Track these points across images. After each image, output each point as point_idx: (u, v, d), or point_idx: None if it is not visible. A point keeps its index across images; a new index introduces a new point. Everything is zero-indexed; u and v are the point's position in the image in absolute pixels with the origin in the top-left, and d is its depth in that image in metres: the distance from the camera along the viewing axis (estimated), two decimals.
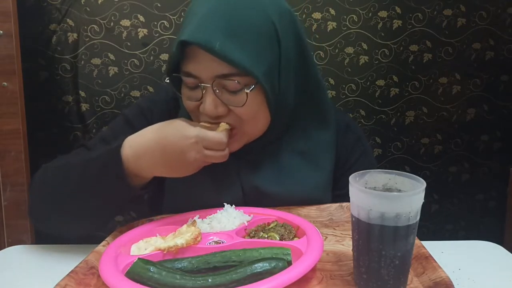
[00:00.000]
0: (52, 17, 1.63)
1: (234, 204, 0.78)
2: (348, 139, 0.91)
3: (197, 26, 0.72)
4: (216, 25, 0.72)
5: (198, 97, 0.77)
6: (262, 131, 0.82)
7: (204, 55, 0.73)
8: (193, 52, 0.74)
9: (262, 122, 0.81)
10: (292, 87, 0.82)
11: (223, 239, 0.67)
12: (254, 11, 0.74)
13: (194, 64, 0.75)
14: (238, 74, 0.73)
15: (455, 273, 0.68)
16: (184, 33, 0.73)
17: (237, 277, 0.55)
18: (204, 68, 0.74)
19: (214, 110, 0.75)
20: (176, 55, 0.75)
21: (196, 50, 0.73)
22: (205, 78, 0.75)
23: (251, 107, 0.76)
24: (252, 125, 0.79)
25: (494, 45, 1.73)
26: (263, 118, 0.80)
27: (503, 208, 1.80)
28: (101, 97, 1.70)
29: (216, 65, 0.73)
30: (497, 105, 1.79)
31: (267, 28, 0.75)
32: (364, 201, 0.54)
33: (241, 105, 0.75)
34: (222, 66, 0.73)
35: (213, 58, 0.72)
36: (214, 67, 0.73)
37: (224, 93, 0.75)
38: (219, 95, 0.75)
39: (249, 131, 0.80)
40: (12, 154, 1.48)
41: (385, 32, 1.71)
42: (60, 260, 0.75)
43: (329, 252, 0.68)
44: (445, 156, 1.82)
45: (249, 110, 0.76)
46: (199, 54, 0.73)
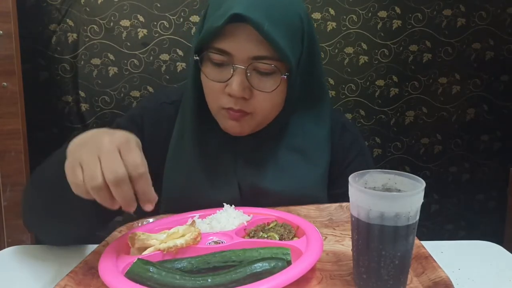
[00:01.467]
0: (52, 17, 1.63)
1: (231, 202, 0.78)
2: (345, 139, 0.91)
3: (248, 4, 0.72)
4: (263, 7, 0.72)
5: (225, 77, 0.76)
6: (270, 120, 0.83)
7: (243, 33, 0.73)
8: (230, 29, 0.73)
9: (275, 111, 0.82)
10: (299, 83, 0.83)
11: (222, 239, 0.67)
12: (291, 3, 0.77)
13: (231, 42, 0.74)
14: (274, 58, 0.75)
15: (454, 273, 0.68)
16: (233, 7, 0.72)
17: (236, 277, 0.55)
18: (242, 47, 0.74)
19: (241, 92, 0.75)
20: (219, 29, 0.73)
21: (236, 27, 0.73)
22: (240, 57, 0.74)
23: (276, 94, 0.78)
24: (267, 112, 0.80)
25: (494, 45, 1.74)
26: (278, 107, 0.82)
27: (503, 208, 1.81)
28: (101, 97, 1.70)
29: (254, 46, 0.73)
30: (497, 105, 1.79)
31: (298, 22, 0.78)
32: (363, 201, 0.54)
33: (270, 90, 0.76)
34: (261, 47, 0.73)
35: (251, 38, 0.73)
36: (252, 47, 0.73)
37: (253, 76, 0.76)
38: (248, 77, 0.75)
39: (261, 119, 0.81)
40: (12, 154, 1.48)
41: (384, 32, 1.71)
42: (60, 260, 0.75)
43: (329, 252, 0.68)
44: (445, 156, 1.82)
45: (272, 96, 0.78)
46: (237, 31, 0.73)
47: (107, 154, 0.56)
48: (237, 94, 0.75)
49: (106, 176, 0.55)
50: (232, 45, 0.74)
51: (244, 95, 0.76)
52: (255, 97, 0.77)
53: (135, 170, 0.56)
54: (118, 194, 0.56)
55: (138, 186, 0.57)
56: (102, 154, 0.56)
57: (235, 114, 0.78)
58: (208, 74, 0.77)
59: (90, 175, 0.55)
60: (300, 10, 0.79)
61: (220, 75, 0.76)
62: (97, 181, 0.55)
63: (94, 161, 0.55)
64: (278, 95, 0.79)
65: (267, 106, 0.79)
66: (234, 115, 0.78)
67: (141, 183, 0.57)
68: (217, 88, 0.77)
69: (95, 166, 0.55)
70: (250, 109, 0.78)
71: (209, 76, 0.77)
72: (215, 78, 0.77)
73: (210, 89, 0.79)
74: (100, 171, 0.55)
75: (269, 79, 0.76)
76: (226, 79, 0.76)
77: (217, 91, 0.78)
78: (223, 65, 0.76)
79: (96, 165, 0.55)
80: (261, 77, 0.76)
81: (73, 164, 0.57)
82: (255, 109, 0.78)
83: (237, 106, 0.77)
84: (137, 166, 0.56)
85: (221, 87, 0.77)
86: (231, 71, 0.75)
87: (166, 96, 0.93)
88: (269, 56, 0.74)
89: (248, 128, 0.81)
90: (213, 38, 0.75)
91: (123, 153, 0.56)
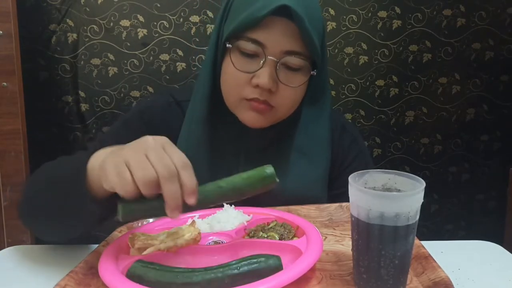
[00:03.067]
0: (51, 17, 1.63)
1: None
2: (344, 140, 0.92)
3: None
4: (305, 4, 0.74)
5: (253, 68, 0.77)
6: (287, 115, 0.84)
7: (280, 26, 0.74)
8: (266, 21, 0.74)
9: (294, 108, 0.84)
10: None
11: (222, 239, 0.67)
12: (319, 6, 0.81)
13: (267, 34, 0.75)
14: (305, 55, 0.77)
15: (454, 273, 0.68)
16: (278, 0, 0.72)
17: (233, 273, 0.55)
18: (277, 40, 0.75)
19: (270, 84, 0.76)
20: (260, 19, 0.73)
21: (273, 19, 0.74)
22: (273, 49, 0.75)
23: (301, 90, 0.80)
24: (288, 108, 0.82)
25: (493, 45, 1.74)
26: (297, 105, 0.83)
27: (503, 208, 1.81)
28: (101, 97, 1.70)
29: (289, 40, 0.75)
30: (497, 105, 1.79)
31: (323, 25, 0.81)
32: (363, 201, 0.54)
33: (296, 85, 0.78)
34: (295, 42, 0.75)
35: (286, 32, 0.74)
36: (287, 41, 0.75)
37: (282, 70, 0.77)
38: (278, 71, 0.76)
39: (281, 114, 0.82)
40: (12, 154, 1.48)
41: (384, 32, 1.71)
42: (60, 260, 0.75)
43: (329, 252, 0.68)
44: (445, 156, 1.82)
45: (296, 91, 0.80)
46: (274, 24, 0.74)
47: (156, 151, 0.56)
48: (266, 85, 0.75)
49: (159, 171, 0.54)
50: (267, 37, 0.75)
51: (271, 87, 0.76)
52: (279, 91, 0.78)
53: (181, 162, 0.56)
54: (168, 190, 0.55)
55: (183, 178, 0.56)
56: (150, 152, 0.56)
57: (260, 105, 0.78)
58: (235, 63, 0.78)
59: (142, 170, 0.54)
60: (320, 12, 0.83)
61: (249, 66, 0.77)
62: (151, 175, 0.54)
63: (143, 158, 0.55)
64: (300, 92, 0.81)
65: (290, 102, 0.81)
66: (258, 107, 0.78)
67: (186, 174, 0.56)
68: (243, 78, 0.78)
69: (146, 162, 0.55)
70: (273, 102, 0.79)
71: (237, 66, 0.78)
72: (243, 68, 0.77)
73: (234, 79, 0.79)
74: (151, 166, 0.54)
75: (296, 75, 0.78)
76: (254, 70, 0.76)
77: (242, 81, 0.78)
78: (253, 56, 0.77)
79: (147, 161, 0.55)
80: (288, 72, 0.78)
81: (116, 165, 0.56)
82: (278, 103, 0.79)
83: (262, 97, 0.77)
84: (183, 158, 0.57)
85: (247, 78, 0.77)
86: (261, 62, 0.76)
87: (173, 96, 0.93)
88: (301, 52, 0.76)
89: (268, 122, 0.82)
90: (248, 29, 0.76)
91: (167, 150, 0.57)
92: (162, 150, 0.57)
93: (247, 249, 0.64)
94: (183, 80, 1.70)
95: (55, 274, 0.61)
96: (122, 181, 0.55)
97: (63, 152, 0.88)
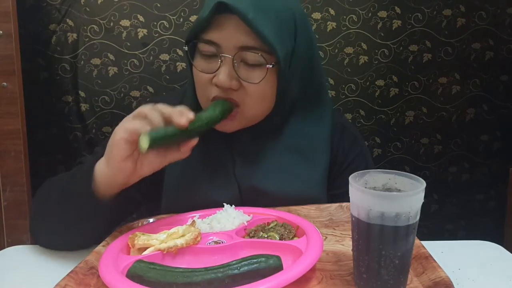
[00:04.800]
0: (51, 17, 1.63)
1: (231, 202, 0.78)
2: (345, 140, 0.91)
3: None
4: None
5: (213, 68, 0.77)
6: (262, 116, 0.83)
7: (231, 24, 0.74)
8: (218, 21, 0.75)
9: (266, 106, 0.82)
10: (298, 82, 0.84)
11: (222, 239, 0.67)
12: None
13: (218, 33, 0.75)
14: (261, 49, 0.76)
15: (454, 273, 0.68)
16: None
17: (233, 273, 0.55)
18: (229, 37, 0.75)
19: (228, 82, 0.76)
20: (206, 19, 0.74)
21: (223, 18, 0.74)
22: (227, 47, 0.75)
23: (264, 86, 0.78)
24: (256, 106, 0.81)
25: (493, 45, 1.74)
26: (268, 102, 0.82)
27: (503, 208, 1.80)
28: (101, 97, 1.70)
29: (241, 36, 0.74)
30: (496, 105, 1.79)
31: (288, 17, 0.79)
32: (363, 201, 0.54)
33: (257, 81, 0.77)
34: (247, 37, 0.74)
35: (239, 29, 0.74)
36: (239, 37, 0.75)
37: (241, 67, 0.77)
38: (236, 68, 0.76)
39: (251, 113, 0.81)
40: (12, 154, 1.48)
41: (384, 32, 1.71)
42: (60, 260, 0.75)
43: (329, 252, 0.68)
44: (444, 156, 1.82)
45: (261, 88, 0.78)
46: (225, 22, 0.74)
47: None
48: (224, 84, 0.76)
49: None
50: (219, 35, 0.75)
51: (231, 86, 0.76)
52: (243, 88, 0.78)
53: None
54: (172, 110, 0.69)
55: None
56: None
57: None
58: (197, 66, 0.79)
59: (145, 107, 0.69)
60: (292, 5, 0.80)
61: (209, 66, 0.78)
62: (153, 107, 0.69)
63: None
64: (267, 87, 0.79)
65: (255, 99, 0.79)
66: None
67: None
68: (205, 79, 0.78)
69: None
70: (239, 99, 0.78)
71: (198, 68, 0.79)
72: (204, 69, 0.78)
73: (199, 81, 0.80)
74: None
75: (257, 71, 0.77)
76: (214, 70, 0.77)
77: (205, 82, 0.79)
78: (212, 57, 0.77)
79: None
80: (248, 68, 0.77)
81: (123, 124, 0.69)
82: (243, 101, 0.79)
83: (224, 95, 0.77)
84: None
85: (209, 78, 0.78)
86: (219, 61, 0.76)
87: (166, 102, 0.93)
88: (256, 47, 0.75)
89: (238, 124, 0.81)
90: (203, 30, 0.77)
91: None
92: None
93: (247, 249, 0.64)
94: (183, 80, 1.70)
95: (55, 274, 0.61)
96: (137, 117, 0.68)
97: (63, 152, 0.88)
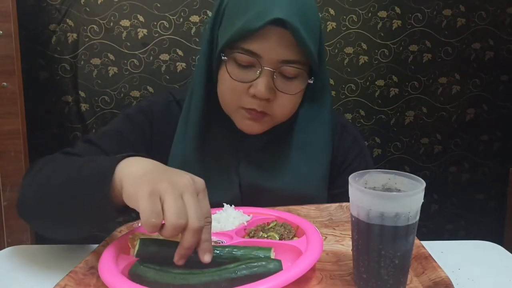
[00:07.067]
0: (51, 17, 1.63)
1: (231, 200, 0.78)
2: (345, 140, 0.92)
3: (286, 8, 0.72)
4: (299, 12, 0.73)
5: (250, 78, 0.76)
6: (285, 120, 0.84)
7: (276, 37, 0.73)
8: (263, 32, 0.73)
9: (292, 112, 0.83)
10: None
11: (222, 239, 0.67)
12: (314, 6, 0.79)
13: (263, 44, 0.74)
14: (301, 62, 0.76)
15: (454, 273, 0.68)
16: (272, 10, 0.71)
17: (232, 277, 0.55)
18: (273, 50, 0.74)
19: (267, 93, 0.75)
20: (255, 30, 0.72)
21: (268, 30, 0.73)
22: (268, 60, 0.75)
23: (298, 97, 0.80)
24: (286, 114, 0.82)
25: (493, 45, 1.74)
26: (295, 109, 0.83)
27: (503, 208, 1.81)
28: (101, 97, 1.70)
29: (285, 50, 0.74)
30: (496, 105, 1.79)
31: (318, 26, 0.80)
32: (363, 201, 0.54)
33: (294, 93, 0.78)
34: (291, 51, 0.74)
35: (283, 43, 0.73)
36: (283, 51, 0.74)
37: (278, 79, 0.76)
38: (274, 80, 0.76)
39: (279, 119, 0.82)
40: (12, 154, 1.48)
41: (384, 32, 1.71)
42: (60, 260, 0.74)
43: (329, 252, 0.68)
44: (444, 156, 1.82)
45: (296, 99, 0.80)
46: (270, 35, 0.73)
47: (192, 198, 0.55)
48: (264, 96, 0.75)
49: (190, 222, 0.53)
50: (263, 47, 0.74)
51: (269, 97, 0.76)
52: (277, 99, 0.78)
53: (208, 216, 0.56)
54: (189, 241, 0.54)
55: (204, 234, 0.55)
56: (186, 195, 0.54)
57: (257, 114, 0.78)
58: (231, 74, 0.77)
59: (176, 215, 0.52)
60: (319, 17, 0.82)
61: (245, 76, 0.76)
62: (183, 222, 0.53)
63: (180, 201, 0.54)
64: (298, 98, 0.81)
65: (288, 109, 0.81)
66: (255, 116, 0.78)
67: (207, 231, 0.56)
68: (240, 87, 0.77)
69: (182, 207, 0.53)
70: (271, 110, 0.78)
71: (233, 76, 0.77)
72: (239, 78, 0.76)
73: (231, 89, 0.78)
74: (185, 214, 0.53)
75: (293, 83, 0.78)
76: (251, 80, 0.76)
77: (239, 90, 0.77)
78: (250, 66, 0.76)
79: (183, 206, 0.53)
80: (285, 80, 0.77)
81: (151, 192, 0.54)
82: (276, 111, 0.79)
83: (260, 108, 0.77)
84: (209, 212, 0.57)
85: (244, 88, 0.77)
86: (257, 72, 0.75)
87: (172, 95, 0.93)
88: (298, 60, 0.76)
89: (265, 128, 0.82)
90: (244, 39, 0.74)
91: (200, 199, 0.56)
92: (197, 197, 0.56)
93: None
94: (183, 80, 1.70)
95: (55, 274, 0.61)
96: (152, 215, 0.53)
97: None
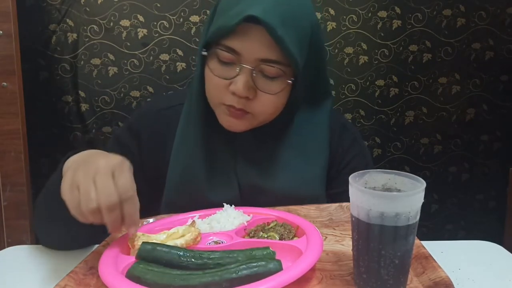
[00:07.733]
0: (51, 17, 1.63)
1: (231, 200, 0.78)
2: (344, 139, 0.92)
3: (264, 6, 0.72)
4: (279, 11, 0.72)
5: (230, 75, 0.76)
6: (270, 120, 0.83)
7: (256, 35, 0.73)
8: (243, 30, 0.73)
9: (276, 113, 0.82)
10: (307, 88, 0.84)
11: (222, 239, 0.67)
12: (304, 7, 0.78)
13: (242, 42, 0.74)
14: (282, 62, 0.75)
15: (455, 273, 0.68)
16: (249, 8, 0.71)
17: (232, 277, 0.55)
18: (252, 49, 0.74)
19: (245, 92, 0.75)
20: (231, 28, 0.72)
21: (248, 28, 0.73)
22: (248, 58, 0.74)
23: (280, 97, 0.79)
24: (268, 114, 0.81)
25: (493, 45, 1.74)
26: (279, 110, 0.82)
27: (503, 208, 1.81)
28: (101, 97, 1.70)
29: (264, 48, 0.74)
30: (496, 105, 1.79)
31: (308, 27, 0.78)
32: (363, 201, 0.54)
33: (274, 93, 0.77)
34: (270, 50, 0.74)
35: (262, 41, 0.73)
36: (262, 50, 0.74)
37: (259, 77, 0.76)
38: (254, 78, 0.75)
39: (261, 119, 0.81)
40: (12, 154, 1.48)
41: (384, 32, 1.71)
42: (60, 260, 0.75)
43: (329, 252, 0.68)
44: (444, 156, 1.82)
45: (276, 99, 0.78)
46: (250, 33, 0.73)
47: (102, 178, 0.59)
48: (241, 94, 0.75)
49: (101, 202, 0.58)
50: (242, 45, 0.74)
51: (248, 95, 0.76)
52: (258, 98, 0.77)
53: (125, 193, 0.59)
54: (108, 218, 0.59)
55: (126, 209, 0.60)
56: (98, 176, 0.59)
57: (236, 112, 0.78)
58: (213, 70, 0.78)
59: (86, 199, 0.58)
60: (312, 17, 0.80)
61: (226, 72, 0.77)
62: (92, 205, 0.58)
63: (90, 184, 0.59)
64: (281, 97, 0.80)
65: (269, 108, 0.80)
66: (234, 113, 0.78)
67: (128, 205, 0.60)
68: (221, 84, 0.77)
69: (91, 189, 0.58)
70: (251, 109, 0.78)
71: (214, 72, 0.77)
72: (220, 75, 0.77)
73: (213, 84, 0.79)
74: (95, 195, 0.58)
75: (274, 82, 0.77)
76: (231, 77, 0.76)
77: (220, 87, 0.78)
78: (230, 64, 0.76)
79: (92, 188, 0.58)
80: (266, 79, 0.76)
81: (70, 185, 0.60)
82: (257, 110, 0.78)
83: (239, 105, 0.77)
84: (127, 189, 0.60)
85: (225, 84, 0.77)
86: (237, 70, 0.75)
87: (163, 102, 0.94)
88: (277, 60, 0.75)
89: (248, 126, 0.82)
90: (224, 36, 0.75)
91: (116, 176, 0.60)
92: (111, 176, 0.59)
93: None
94: (183, 80, 1.70)
95: (55, 274, 0.62)
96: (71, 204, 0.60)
97: (63, 152, 0.88)
